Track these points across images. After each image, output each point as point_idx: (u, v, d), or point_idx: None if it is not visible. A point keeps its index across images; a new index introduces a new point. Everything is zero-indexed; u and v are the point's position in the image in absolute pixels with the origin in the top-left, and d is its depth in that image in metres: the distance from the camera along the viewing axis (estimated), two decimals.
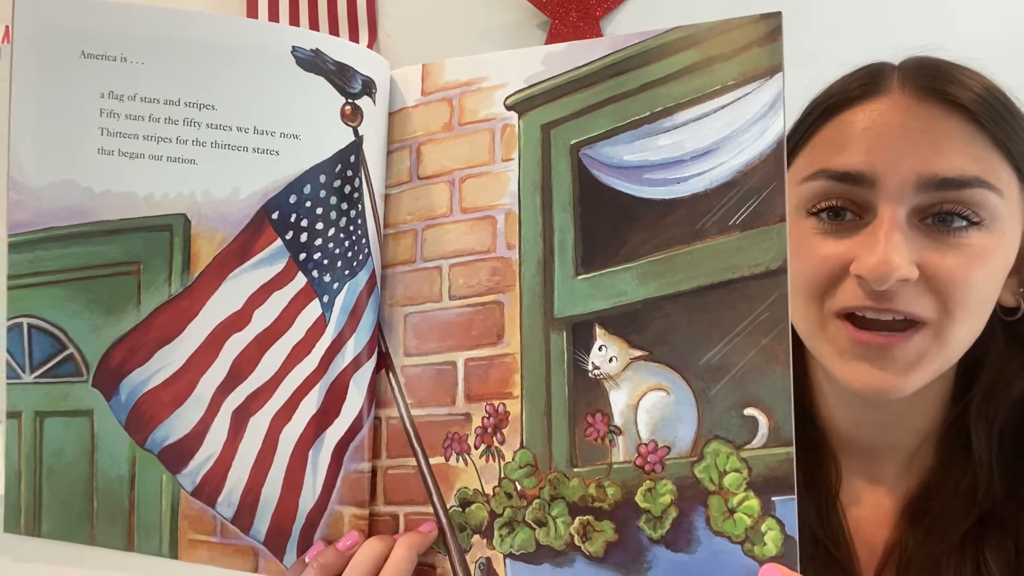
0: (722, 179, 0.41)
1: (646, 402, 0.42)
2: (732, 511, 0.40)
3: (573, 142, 0.45)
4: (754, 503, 0.39)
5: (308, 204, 0.44)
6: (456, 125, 0.48)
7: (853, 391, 0.52)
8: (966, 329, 0.51)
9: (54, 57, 0.42)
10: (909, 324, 0.50)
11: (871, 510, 0.58)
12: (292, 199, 0.44)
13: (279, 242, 0.44)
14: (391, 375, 0.48)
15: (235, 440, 0.45)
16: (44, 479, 0.47)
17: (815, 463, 0.58)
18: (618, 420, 0.43)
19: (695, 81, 0.42)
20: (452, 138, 0.48)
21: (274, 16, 1.81)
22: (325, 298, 0.45)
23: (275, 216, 0.44)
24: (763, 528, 0.39)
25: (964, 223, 0.49)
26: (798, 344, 0.54)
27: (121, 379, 0.45)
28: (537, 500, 0.44)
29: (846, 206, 0.51)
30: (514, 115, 0.46)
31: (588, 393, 0.43)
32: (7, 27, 1.89)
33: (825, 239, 0.51)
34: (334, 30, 1.79)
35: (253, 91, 0.43)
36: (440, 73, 0.49)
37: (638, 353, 0.42)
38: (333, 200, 0.44)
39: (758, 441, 0.40)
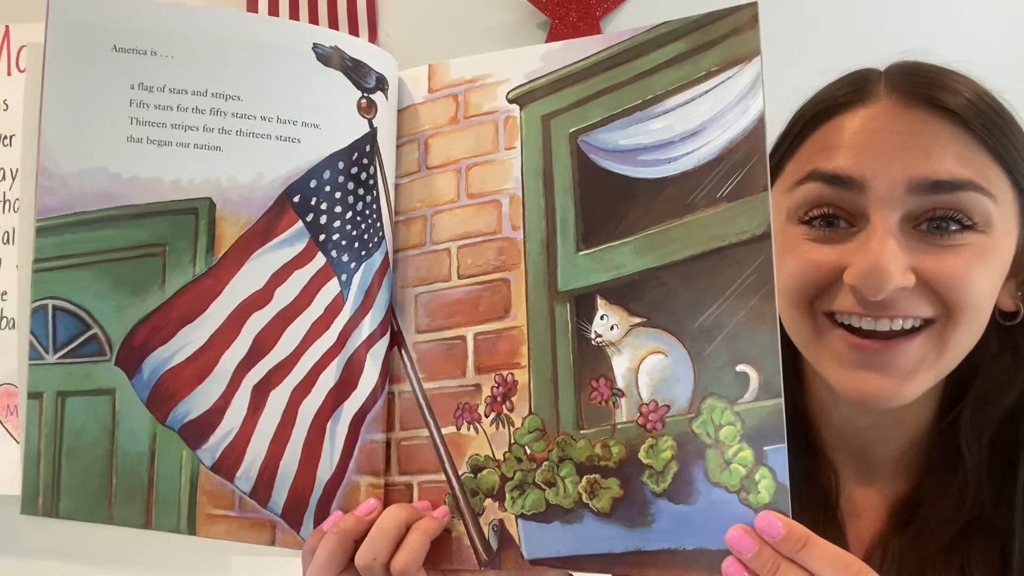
0: (709, 157, 0.45)
1: (646, 365, 0.45)
2: (728, 462, 0.42)
3: (572, 130, 0.48)
4: (748, 454, 0.42)
5: (327, 189, 0.47)
6: (462, 118, 0.51)
7: (852, 400, 0.51)
8: (967, 332, 0.50)
9: (87, 51, 0.45)
10: (908, 331, 0.49)
11: (862, 510, 0.57)
12: (312, 183, 0.46)
13: (300, 224, 0.47)
14: (403, 352, 0.50)
15: (255, 415, 0.46)
16: (64, 458, 0.47)
17: (813, 471, 0.57)
18: (621, 383, 0.45)
19: (682, 70, 0.46)
20: (458, 130, 0.51)
21: (274, 13, 1.81)
22: (343, 277, 0.47)
23: (296, 199, 0.47)
24: (756, 477, 0.41)
25: (958, 227, 0.48)
26: (788, 343, 0.54)
27: (144, 357, 0.46)
28: (546, 462, 0.46)
29: (838, 214, 0.50)
30: (516, 107, 0.50)
31: (592, 360, 0.46)
32: (7, 27, 1.85)
33: (816, 245, 0.51)
34: (333, 27, 1.83)
35: (276, 84, 0.46)
36: (446, 72, 0.52)
37: (637, 320, 0.45)
38: (350, 185, 0.47)
39: (750, 395, 0.42)
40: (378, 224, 0.48)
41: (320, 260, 0.47)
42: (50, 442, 0.48)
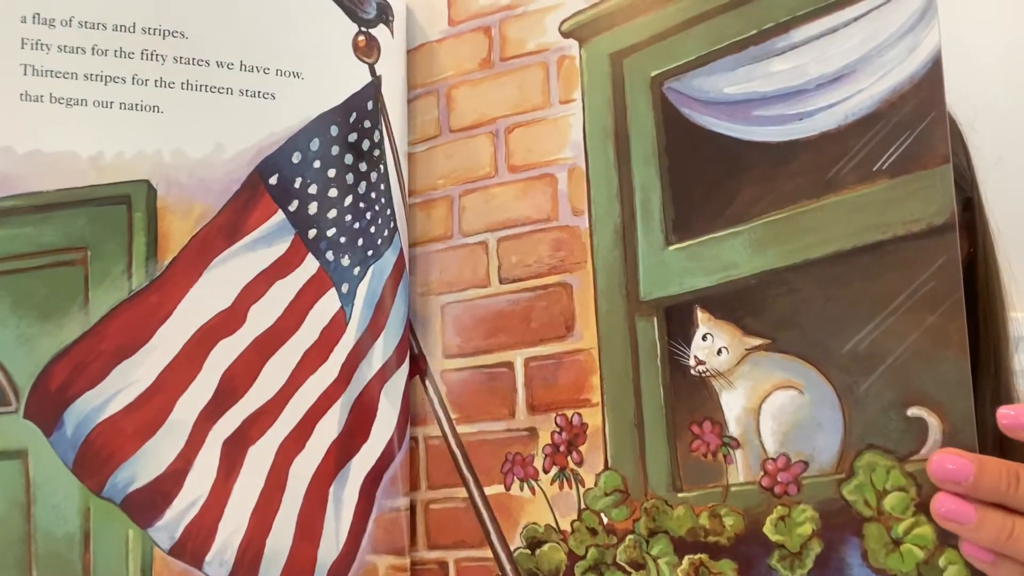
0: (861, 111, 0.33)
1: (771, 404, 0.33)
2: (898, 542, 0.31)
3: (654, 74, 0.37)
4: (927, 530, 0.31)
5: (317, 165, 0.35)
6: (497, 60, 0.39)
7: None
8: None
9: None
10: None
11: None
12: (296, 158, 0.35)
13: (280, 215, 0.35)
14: (428, 383, 0.38)
15: (228, 479, 0.35)
16: None
17: None
18: (734, 429, 0.34)
19: None
20: (493, 77, 0.39)
21: None
22: (344, 287, 0.36)
23: (273, 181, 0.35)
24: (941, 563, 0.31)
25: None
26: None
27: (66, 406, 0.34)
28: (631, 536, 0.35)
29: None
30: (574, 43, 0.38)
31: (692, 396, 0.35)
32: None
33: None
34: None
35: (238, 13, 0.34)
36: None
37: (756, 342, 0.34)
38: (349, 159, 0.36)
39: (928, 449, 0.31)
40: (388, 211, 0.36)
41: (311, 265, 0.35)
42: None
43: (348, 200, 0.35)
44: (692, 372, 0.34)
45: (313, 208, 0.35)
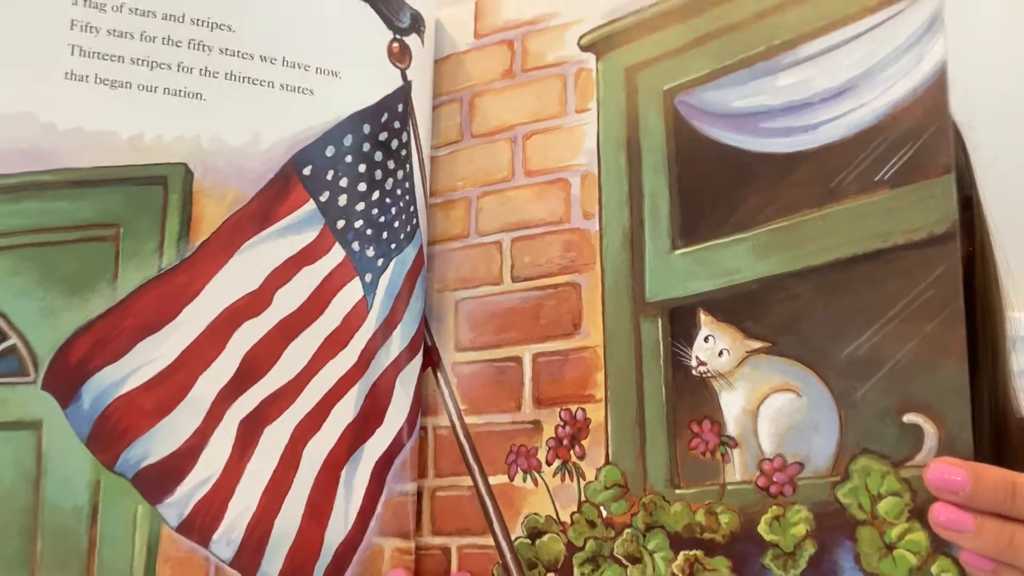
0: (864, 124, 0.33)
1: (769, 406, 0.34)
2: (891, 547, 0.31)
3: (667, 87, 0.37)
4: (920, 536, 0.31)
5: (349, 159, 0.36)
6: (519, 71, 0.41)
7: None
8: None
9: None
10: None
11: None
12: (329, 151, 0.36)
13: (312, 205, 0.36)
14: (439, 375, 0.39)
15: (242, 457, 0.36)
16: None
17: None
18: (732, 429, 0.34)
19: (823, 3, 0.34)
20: (514, 87, 0.40)
21: None
22: (368, 277, 0.37)
23: (307, 172, 0.36)
24: (934, 570, 0.31)
25: None
26: None
27: (84, 379, 0.34)
28: (629, 530, 0.35)
29: None
30: (591, 57, 0.39)
31: (692, 395, 0.35)
32: None
33: None
34: None
35: (283, 12, 0.35)
36: (497, 11, 0.41)
37: (757, 345, 0.34)
38: (378, 156, 0.37)
39: (924, 456, 0.31)
40: (412, 208, 0.38)
41: (338, 254, 0.36)
42: None
43: (376, 195, 0.37)
44: (693, 372, 0.35)
45: (343, 200, 0.36)
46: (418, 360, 0.38)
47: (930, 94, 0.32)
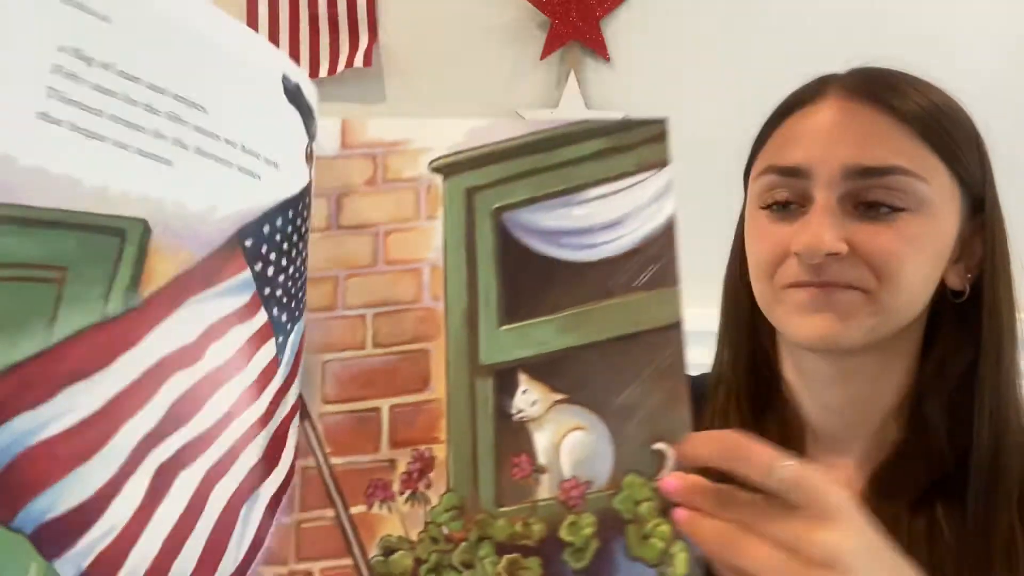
0: (627, 247, 0.49)
1: (568, 441, 0.46)
2: (647, 537, 0.44)
3: (496, 206, 0.50)
4: (666, 528, 0.44)
5: (277, 237, 0.41)
6: (380, 181, 0.50)
7: (804, 344, 0.59)
8: (899, 299, 0.57)
9: None
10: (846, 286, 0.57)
11: (843, 482, 0.63)
12: (266, 229, 0.40)
13: (247, 272, 0.39)
14: (307, 423, 0.46)
15: (152, 504, 0.35)
16: None
17: (785, 436, 0.65)
18: (542, 459, 0.46)
19: (602, 165, 0.50)
20: (376, 193, 0.50)
21: (274, 14, 1.72)
22: (280, 338, 0.41)
23: (248, 244, 0.39)
24: (674, 551, 0.44)
25: (888, 209, 0.56)
26: (773, 344, 0.67)
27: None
28: (465, 543, 0.45)
29: (790, 199, 0.60)
30: (439, 177, 0.50)
31: (513, 436, 0.46)
32: None
33: (773, 225, 0.61)
34: (334, 29, 1.72)
35: (245, 106, 0.39)
36: (362, 130, 0.51)
37: (559, 396, 0.46)
38: (294, 238, 0.42)
39: (665, 472, 0.45)
40: (304, 282, 0.44)
41: (262, 317, 0.40)
42: None
43: (291, 270, 0.42)
44: (514, 418, 0.47)
45: (270, 271, 0.40)
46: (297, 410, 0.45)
47: (665, 234, 0.49)
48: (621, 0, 1.62)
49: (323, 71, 1.71)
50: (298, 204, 0.44)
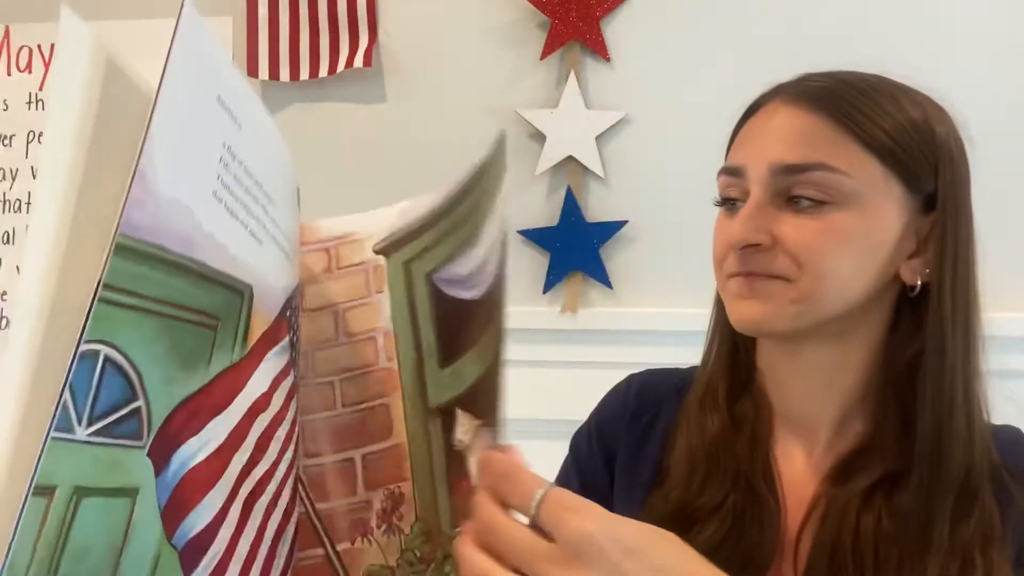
0: (495, 272, 0.52)
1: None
2: None
3: (427, 271, 0.57)
4: None
5: (294, 315, 0.50)
6: (335, 268, 0.59)
7: (738, 328, 0.64)
8: (823, 287, 0.60)
9: (199, 84, 0.36)
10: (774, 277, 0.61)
11: (805, 469, 0.67)
12: (293, 304, 0.50)
13: (287, 338, 0.46)
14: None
15: (239, 531, 0.39)
16: None
17: (758, 421, 0.69)
18: (475, 480, 0.52)
19: (488, 203, 0.52)
20: (333, 279, 0.60)
21: (274, 14, 1.70)
22: (296, 399, 0.50)
23: (288, 314, 0.46)
24: None
25: (811, 203, 0.60)
26: (752, 340, 0.70)
27: (176, 449, 0.35)
28: (434, 563, 0.52)
29: (736, 196, 0.65)
30: (382, 257, 0.58)
31: (458, 464, 0.52)
32: (7, 27, 1.82)
33: (724, 221, 0.67)
34: (334, 29, 1.71)
35: (286, 202, 0.48)
36: (316, 231, 0.61)
37: (479, 422, 0.50)
38: (294, 319, 0.51)
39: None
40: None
41: (292, 377, 0.47)
42: (43, 568, 0.29)
43: (295, 340, 0.51)
44: (456, 448, 0.52)
45: (295, 340, 0.49)
46: None
47: (503, 244, 0.52)
48: (621, 0, 1.58)
49: (323, 71, 1.67)
50: (297, 292, 0.53)
